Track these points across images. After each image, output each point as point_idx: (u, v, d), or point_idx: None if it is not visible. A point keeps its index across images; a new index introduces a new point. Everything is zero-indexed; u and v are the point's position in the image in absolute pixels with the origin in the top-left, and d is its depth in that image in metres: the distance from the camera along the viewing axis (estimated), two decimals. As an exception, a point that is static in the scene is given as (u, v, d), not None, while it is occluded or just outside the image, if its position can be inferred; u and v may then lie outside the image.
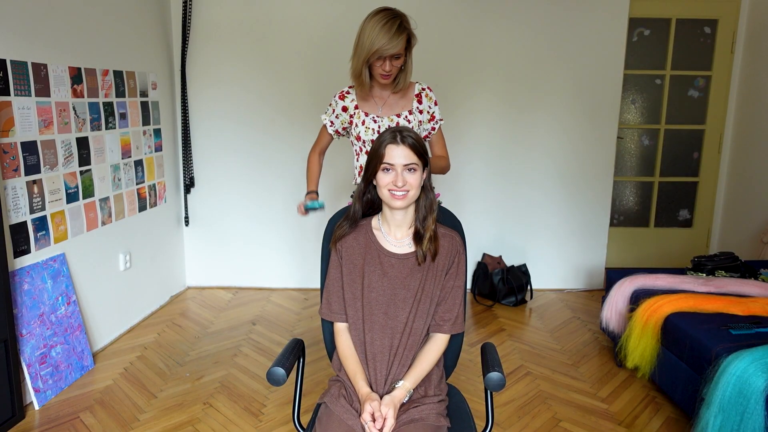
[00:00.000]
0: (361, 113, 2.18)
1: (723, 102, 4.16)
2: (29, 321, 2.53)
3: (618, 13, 3.80)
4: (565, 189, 4.02)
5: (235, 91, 3.87)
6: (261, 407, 2.55)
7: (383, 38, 1.92)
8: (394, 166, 1.52)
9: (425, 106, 2.18)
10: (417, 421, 1.46)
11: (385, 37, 1.92)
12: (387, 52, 1.95)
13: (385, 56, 1.97)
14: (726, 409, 1.95)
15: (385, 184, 1.53)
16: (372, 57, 1.98)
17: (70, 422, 2.41)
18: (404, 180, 1.51)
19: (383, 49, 1.94)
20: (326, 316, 1.64)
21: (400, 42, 1.95)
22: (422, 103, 2.18)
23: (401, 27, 1.95)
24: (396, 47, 1.95)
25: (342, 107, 2.22)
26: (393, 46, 1.94)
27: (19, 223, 2.50)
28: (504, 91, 3.90)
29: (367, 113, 2.18)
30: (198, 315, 3.62)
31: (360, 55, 2.02)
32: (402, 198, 1.53)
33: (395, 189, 1.52)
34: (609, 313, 2.84)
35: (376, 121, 2.16)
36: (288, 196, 4.00)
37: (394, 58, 1.99)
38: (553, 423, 2.44)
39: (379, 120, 2.16)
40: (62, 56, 2.74)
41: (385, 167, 1.53)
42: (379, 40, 1.93)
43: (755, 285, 2.69)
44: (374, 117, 2.17)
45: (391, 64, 2.00)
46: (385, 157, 1.52)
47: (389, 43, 1.93)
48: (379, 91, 2.17)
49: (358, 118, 2.18)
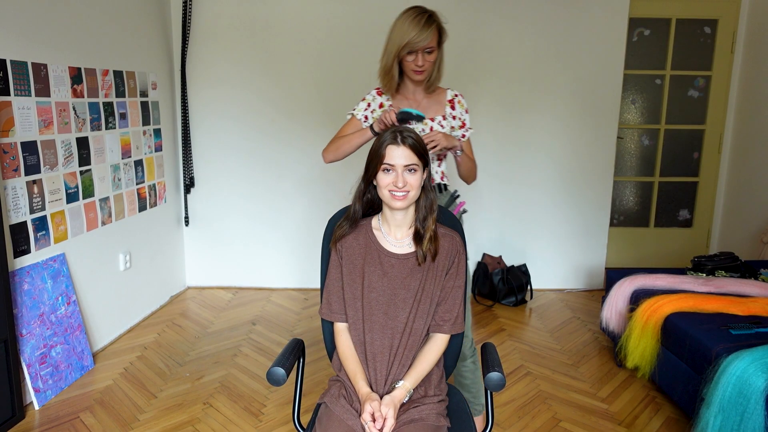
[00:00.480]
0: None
1: (723, 102, 4.16)
2: (29, 321, 2.53)
3: (618, 13, 3.81)
4: (565, 189, 4.02)
5: (235, 90, 3.87)
6: (261, 407, 2.55)
7: (413, 30, 1.90)
8: (395, 167, 1.52)
9: (458, 113, 2.14)
10: (417, 421, 1.46)
11: (415, 29, 1.90)
12: (418, 44, 1.92)
13: (417, 49, 1.94)
14: (726, 409, 1.95)
15: (385, 184, 1.54)
16: (403, 51, 1.95)
17: (70, 422, 2.41)
18: (405, 180, 1.52)
19: (414, 41, 1.91)
20: (326, 316, 1.64)
21: (430, 34, 1.92)
22: (455, 109, 2.14)
23: (431, 20, 1.93)
24: (427, 39, 1.92)
25: (379, 104, 2.15)
26: (424, 38, 1.91)
27: (19, 223, 2.50)
28: (504, 91, 3.90)
29: None
30: (198, 315, 3.62)
31: (390, 51, 1.98)
32: (402, 198, 1.53)
33: (396, 189, 1.52)
34: (609, 313, 2.84)
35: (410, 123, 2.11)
36: (288, 195, 4.00)
37: (426, 53, 1.96)
38: (553, 423, 2.44)
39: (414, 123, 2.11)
40: (62, 56, 2.74)
41: (386, 168, 1.53)
42: (410, 33, 1.91)
43: (755, 285, 2.69)
44: None
45: (424, 58, 1.96)
46: (386, 157, 1.53)
47: (419, 35, 1.90)
48: (411, 94, 2.11)
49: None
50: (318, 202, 3.99)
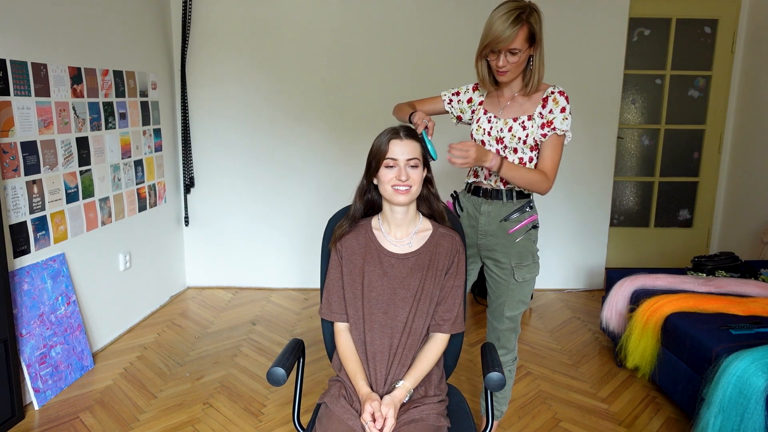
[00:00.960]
0: (481, 110, 2.00)
1: (723, 102, 4.16)
2: (29, 321, 2.53)
3: (618, 13, 3.80)
4: (565, 189, 4.02)
5: (235, 90, 3.87)
6: (261, 407, 2.55)
7: (496, 30, 1.74)
8: (398, 161, 1.54)
9: (546, 111, 1.89)
10: (417, 421, 1.46)
11: (499, 29, 1.74)
12: (498, 45, 1.76)
13: (499, 49, 1.78)
14: (726, 409, 1.95)
15: (388, 179, 1.55)
16: (486, 50, 1.81)
17: (70, 422, 2.41)
18: (407, 174, 1.53)
19: (496, 41, 1.75)
20: (326, 316, 1.64)
21: (513, 34, 1.73)
22: (545, 107, 1.89)
23: (519, 18, 1.74)
24: (508, 40, 1.74)
25: (468, 98, 2.05)
26: (505, 39, 1.73)
27: (19, 223, 2.50)
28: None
29: (486, 111, 1.99)
30: (198, 315, 3.62)
31: (478, 49, 1.85)
32: (405, 193, 1.55)
33: (399, 184, 1.54)
34: (609, 313, 2.84)
35: (490, 121, 1.96)
36: (288, 195, 4.00)
37: (509, 53, 1.78)
38: (553, 423, 2.44)
39: (495, 121, 1.95)
40: (62, 56, 2.74)
41: (388, 163, 1.55)
42: (492, 33, 1.76)
43: (755, 285, 2.69)
44: (491, 117, 1.97)
45: (506, 59, 1.79)
46: (388, 152, 1.55)
47: (501, 35, 1.73)
48: (506, 91, 1.95)
49: (477, 114, 2.01)
50: (318, 202, 3.99)
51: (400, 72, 3.85)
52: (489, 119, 1.97)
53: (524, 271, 1.97)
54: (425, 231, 1.64)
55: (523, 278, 1.97)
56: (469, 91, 2.07)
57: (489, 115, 1.97)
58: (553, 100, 1.89)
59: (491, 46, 1.78)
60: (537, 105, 1.91)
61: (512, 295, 1.99)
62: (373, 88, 3.87)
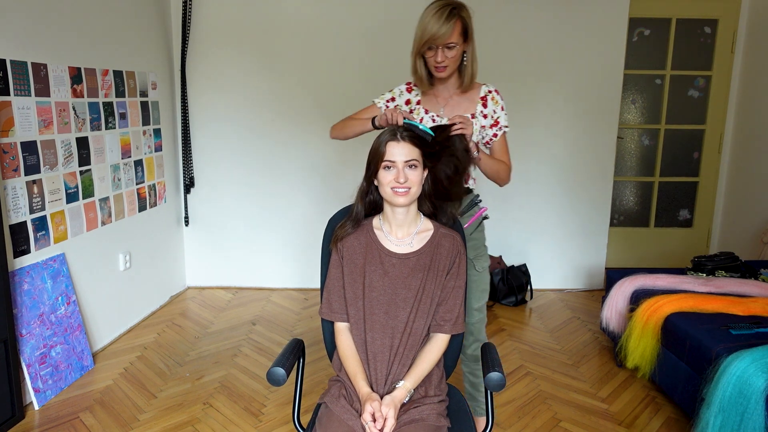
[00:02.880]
0: (421, 110, 2.04)
1: (723, 102, 4.16)
2: (29, 321, 2.53)
3: (618, 13, 3.80)
4: (565, 189, 4.02)
5: (235, 90, 3.87)
6: (261, 407, 2.55)
7: (433, 26, 1.81)
8: (396, 163, 1.54)
9: (490, 110, 2.02)
10: (417, 421, 1.46)
11: (435, 25, 1.81)
12: (437, 40, 1.82)
13: (437, 45, 1.84)
14: (726, 409, 1.95)
15: (387, 181, 1.55)
16: (423, 47, 1.86)
17: (70, 422, 2.41)
18: (405, 176, 1.54)
19: (433, 37, 1.82)
20: (326, 316, 1.64)
21: (450, 29, 1.81)
22: (487, 106, 2.02)
23: (452, 14, 1.82)
24: (446, 35, 1.81)
25: (406, 100, 2.07)
26: (443, 34, 1.81)
27: (19, 223, 2.50)
28: (504, 91, 3.83)
29: (428, 110, 2.03)
30: (198, 315, 3.62)
31: (414, 47, 1.90)
32: (404, 194, 1.55)
33: (397, 186, 1.54)
34: (609, 313, 2.84)
35: (435, 120, 2.01)
36: (288, 196, 4.00)
37: (446, 48, 1.85)
38: (553, 423, 2.44)
39: (439, 120, 2.00)
40: (62, 56, 2.74)
41: (387, 165, 1.55)
42: (429, 28, 1.82)
43: (755, 285, 2.69)
44: (433, 116, 2.02)
45: (443, 54, 1.86)
46: (386, 154, 1.55)
47: (439, 31, 1.80)
48: (443, 90, 2.02)
49: (418, 114, 2.04)
50: (318, 202, 3.99)
51: (401, 73, 3.84)
52: (432, 119, 2.02)
53: (482, 261, 2.06)
54: (426, 231, 1.64)
55: (482, 267, 2.06)
56: (404, 93, 2.09)
57: (431, 115, 2.03)
58: (491, 99, 2.03)
59: (430, 43, 1.84)
60: (476, 104, 2.01)
61: (476, 286, 2.06)
62: (373, 88, 3.86)
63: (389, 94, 2.10)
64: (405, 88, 2.08)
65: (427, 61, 1.91)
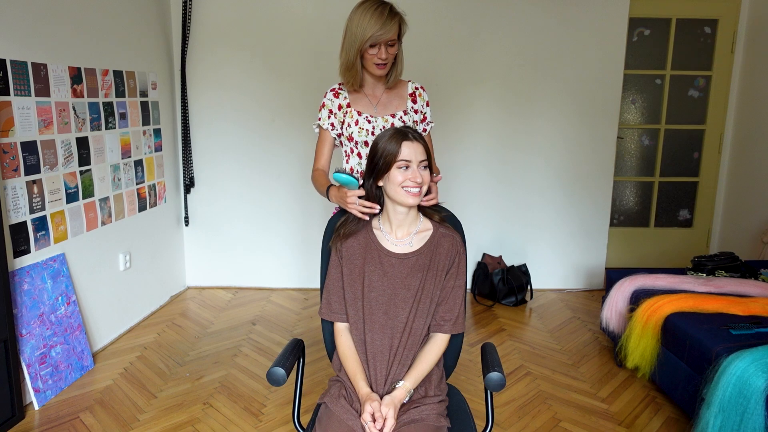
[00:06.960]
0: (353, 112, 2.06)
1: (723, 102, 4.16)
2: (29, 321, 2.53)
3: (618, 13, 3.80)
4: (565, 189, 4.02)
5: (235, 90, 3.87)
6: (261, 407, 2.55)
7: (376, 24, 1.85)
8: (411, 163, 1.54)
9: (419, 106, 2.10)
10: (417, 421, 1.46)
11: (378, 23, 1.85)
12: (381, 37, 1.87)
13: (380, 42, 1.89)
14: (726, 409, 1.95)
15: (400, 181, 1.54)
16: (365, 45, 1.90)
17: (70, 422, 2.41)
18: (421, 176, 1.55)
19: (377, 35, 1.86)
20: (326, 316, 1.64)
21: (393, 27, 1.88)
22: (416, 102, 2.10)
23: (392, 12, 1.89)
24: (390, 32, 1.88)
25: (338, 105, 2.08)
26: (387, 31, 1.86)
27: (19, 223, 2.50)
28: (504, 91, 3.90)
29: (360, 112, 2.06)
30: (198, 315, 3.62)
31: (352, 46, 1.93)
32: (417, 195, 1.55)
33: (411, 186, 1.54)
34: (609, 313, 2.84)
35: (370, 121, 2.04)
36: (288, 195, 4.00)
37: (388, 45, 1.91)
38: (553, 423, 2.44)
39: (374, 120, 2.05)
40: (62, 56, 2.74)
41: (401, 165, 1.54)
42: (372, 26, 1.86)
43: (755, 285, 2.69)
44: (368, 117, 2.05)
45: (387, 51, 1.92)
46: (401, 154, 1.54)
47: (383, 28, 1.86)
48: (371, 89, 2.07)
49: (351, 117, 2.06)
50: (318, 202, 3.98)
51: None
52: (367, 119, 2.05)
53: None
54: (426, 231, 1.64)
55: None
56: (333, 100, 2.09)
57: (365, 116, 2.06)
58: (419, 95, 2.11)
59: (373, 40, 1.88)
60: (405, 100, 2.09)
61: None
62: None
63: (325, 111, 2.10)
64: (332, 95, 2.10)
65: (367, 59, 1.95)
